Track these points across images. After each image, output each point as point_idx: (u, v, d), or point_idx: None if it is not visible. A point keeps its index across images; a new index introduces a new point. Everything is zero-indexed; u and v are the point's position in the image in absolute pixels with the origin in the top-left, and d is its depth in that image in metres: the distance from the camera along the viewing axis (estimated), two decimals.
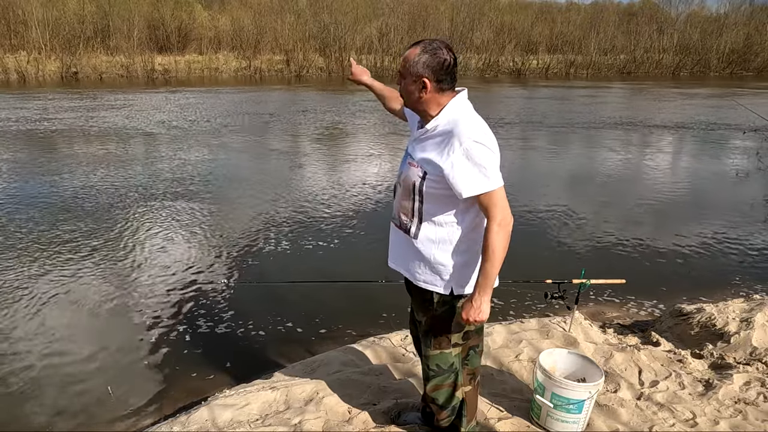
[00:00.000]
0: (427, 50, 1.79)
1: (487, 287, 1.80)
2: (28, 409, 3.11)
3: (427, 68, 1.78)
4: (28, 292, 4.49)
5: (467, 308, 1.83)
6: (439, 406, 2.13)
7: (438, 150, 1.81)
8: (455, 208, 1.86)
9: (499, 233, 1.75)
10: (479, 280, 1.81)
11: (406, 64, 1.82)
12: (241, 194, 7.46)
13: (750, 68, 38.85)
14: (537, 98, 21.76)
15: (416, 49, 1.81)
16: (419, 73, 1.79)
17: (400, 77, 1.87)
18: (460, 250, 1.90)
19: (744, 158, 10.35)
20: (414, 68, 1.80)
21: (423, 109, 1.87)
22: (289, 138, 12.29)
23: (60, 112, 15.53)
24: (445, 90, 1.83)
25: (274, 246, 5.58)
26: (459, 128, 1.78)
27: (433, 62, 1.78)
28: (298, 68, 33.48)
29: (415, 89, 1.82)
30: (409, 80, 1.82)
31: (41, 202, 6.96)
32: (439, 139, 1.82)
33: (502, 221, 1.76)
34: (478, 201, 1.78)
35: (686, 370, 3.00)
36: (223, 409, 2.55)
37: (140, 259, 5.19)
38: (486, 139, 1.78)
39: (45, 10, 30.28)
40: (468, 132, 1.77)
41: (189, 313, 4.21)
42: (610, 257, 5.41)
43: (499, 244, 1.75)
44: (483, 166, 1.74)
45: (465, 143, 1.74)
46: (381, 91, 2.46)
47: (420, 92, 1.81)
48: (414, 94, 1.83)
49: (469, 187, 1.75)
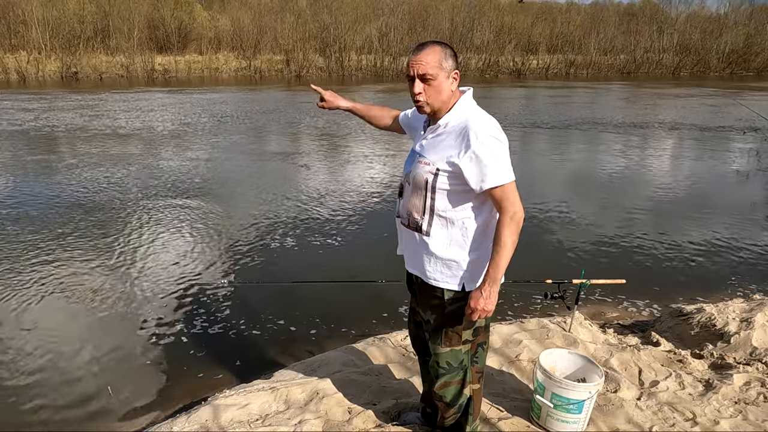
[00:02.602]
0: (446, 47, 1.87)
1: (497, 278, 1.83)
2: (28, 409, 3.11)
3: (455, 61, 1.88)
4: (28, 291, 4.49)
5: (476, 297, 1.86)
6: (447, 403, 2.12)
7: (453, 146, 1.83)
8: (468, 205, 1.88)
9: (511, 226, 1.80)
10: (489, 271, 1.84)
11: (435, 62, 1.82)
12: (240, 194, 7.46)
13: (750, 68, 38.86)
14: (537, 98, 21.77)
15: (436, 47, 1.85)
16: (455, 67, 1.86)
17: (420, 80, 1.84)
18: (472, 247, 1.91)
19: (744, 158, 10.35)
20: (447, 63, 1.84)
21: (445, 107, 1.89)
22: (289, 138, 12.30)
23: (61, 111, 15.53)
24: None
25: (274, 246, 5.58)
26: (472, 124, 1.82)
27: (455, 58, 1.87)
28: (298, 68, 33.48)
29: (449, 84, 1.86)
30: (443, 76, 1.84)
31: (41, 202, 6.95)
32: (452, 135, 1.85)
33: (515, 215, 1.80)
34: (491, 195, 1.82)
35: (686, 370, 3.00)
36: (224, 409, 2.55)
37: (140, 259, 5.19)
38: (499, 134, 1.83)
39: (45, 9, 30.30)
40: (483, 127, 1.81)
41: (189, 312, 4.21)
42: (610, 257, 5.41)
43: (510, 237, 1.80)
44: (497, 161, 1.79)
45: (480, 137, 1.78)
46: (366, 111, 2.40)
47: (452, 85, 1.87)
48: (448, 89, 1.87)
49: (484, 180, 1.79)
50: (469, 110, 1.88)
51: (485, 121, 1.85)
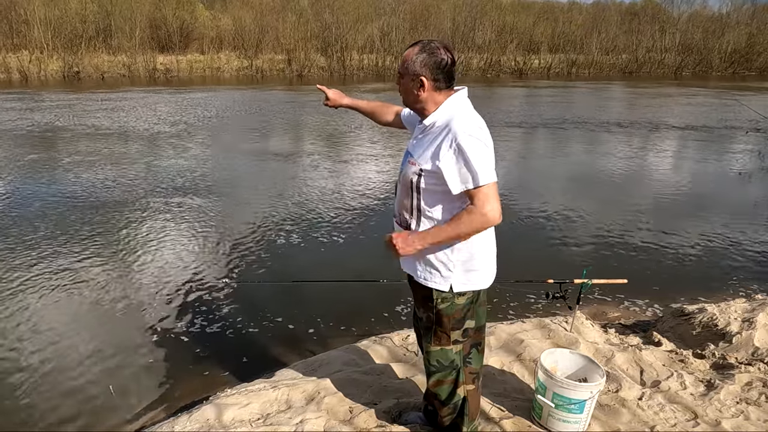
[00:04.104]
0: (425, 50, 1.84)
1: (427, 240, 1.83)
2: (29, 409, 3.12)
3: (425, 67, 1.84)
4: (29, 291, 4.50)
5: (402, 236, 1.86)
6: (441, 401, 2.15)
7: (434, 146, 1.84)
8: (454, 205, 1.87)
9: (477, 219, 1.76)
10: (429, 231, 1.84)
11: (405, 63, 1.87)
12: (241, 194, 7.47)
13: (752, 68, 38.73)
14: (538, 97, 21.74)
15: (415, 48, 1.87)
16: (417, 72, 1.85)
17: (399, 77, 1.92)
18: (459, 247, 1.91)
19: (746, 158, 10.33)
20: (412, 67, 1.85)
21: (421, 107, 1.92)
22: (290, 137, 12.30)
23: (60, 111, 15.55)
24: (442, 89, 1.88)
25: (275, 245, 5.58)
26: (454, 123, 1.81)
27: (430, 61, 1.84)
28: (299, 68, 33.46)
29: (413, 87, 1.87)
30: (408, 79, 1.87)
31: (42, 202, 6.96)
32: (435, 135, 1.86)
33: (489, 212, 1.75)
34: (469, 195, 1.78)
35: (688, 370, 2.99)
36: (225, 408, 2.55)
37: (140, 258, 5.20)
38: (480, 134, 1.81)
39: (47, 9, 30.30)
40: (463, 127, 1.80)
41: (190, 312, 4.22)
42: (611, 257, 5.40)
43: (467, 226, 1.77)
44: (475, 161, 1.75)
45: (459, 138, 1.77)
46: (369, 108, 2.45)
47: (417, 90, 1.87)
48: (412, 92, 1.89)
49: (461, 182, 1.77)
50: (454, 110, 1.86)
51: (467, 121, 1.83)
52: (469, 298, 1.99)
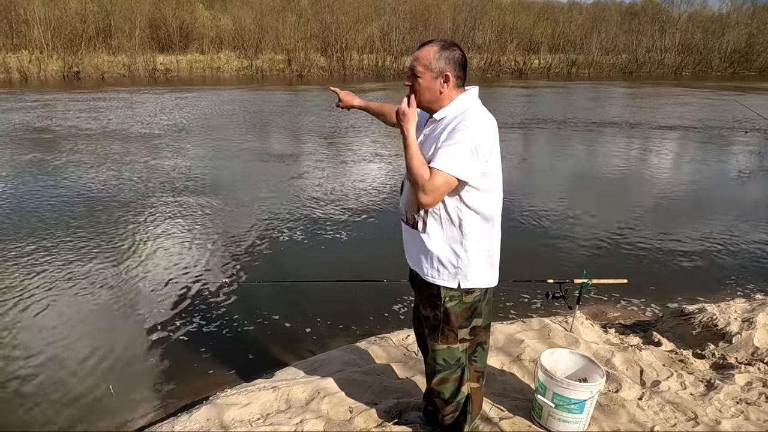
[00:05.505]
0: (446, 47, 1.87)
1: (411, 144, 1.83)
2: (29, 409, 3.12)
3: (449, 63, 1.87)
4: (29, 291, 4.50)
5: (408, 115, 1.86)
6: (444, 400, 2.13)
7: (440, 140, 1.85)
8: (462, 202, 1.88)
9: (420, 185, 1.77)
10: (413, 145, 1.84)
11: (425, 61, 1.87)
12: (241, 194, 7.47)
13: (752, 68, 38.75)
14: (538, 97, 21.74)
15: (434, 46, 1.88)
16: (443, 68, 1.86)
17: (413, 77, 1.90)
18: (468, 245, 1.92)
19: (746, 158, 10.33)
20: (437, 63, 1.86)
21: (438, 105, 1.92)
22: (290, 137, 12.30)
23: (61, 110, 15.55)
24: (459, 86, 1.91)
25: (276, 245, 5.58)
26: (465, 115, 1.85)
27: (453, 58, 1.87)
28: (299, 68, 33.47)
29: (437, 84, 1.88)
30: (430, 76, 1.87)
31: (42, 202, 6.96)
32: (443, 128, 1.87)
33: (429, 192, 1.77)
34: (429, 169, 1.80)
35: (688, 370, 2.99)
36: (225, 408, 2.55)
37: (141, 257, 5.20)
38: (479, 138, 1.81)
39: (47, 9, 30.30)
40: (471, 120, 1.83)
41: (190, 311, 4.22)
42: (611, 257, 5.40)
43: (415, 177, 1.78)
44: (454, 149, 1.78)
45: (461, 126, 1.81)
46: (379, 109, 2.48)
47: (442, 86, 1.88)
48: (435, 89, 1.88)
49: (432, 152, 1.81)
50: (468, 105, 1.89)
51: (479, 118, 1.85)
52: (476, 296, 2.00)
